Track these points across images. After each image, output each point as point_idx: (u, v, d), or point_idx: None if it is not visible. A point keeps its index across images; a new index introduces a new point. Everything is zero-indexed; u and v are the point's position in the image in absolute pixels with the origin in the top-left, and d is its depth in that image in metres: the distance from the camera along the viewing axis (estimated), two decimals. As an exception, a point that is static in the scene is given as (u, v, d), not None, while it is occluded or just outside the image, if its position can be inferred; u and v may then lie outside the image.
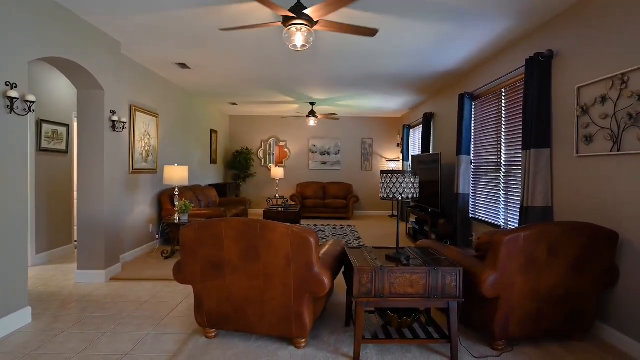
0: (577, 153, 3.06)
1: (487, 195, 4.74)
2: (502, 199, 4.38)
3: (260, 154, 9.74)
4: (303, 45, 2.92)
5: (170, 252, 5.03)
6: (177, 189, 5.13)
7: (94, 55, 3.76)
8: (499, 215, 4.44)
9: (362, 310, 2.42)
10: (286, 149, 9.73)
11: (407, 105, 7.97)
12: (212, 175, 8.56)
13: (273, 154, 9.72)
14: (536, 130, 3.42)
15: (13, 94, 2.71)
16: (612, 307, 2.72)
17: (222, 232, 2.48)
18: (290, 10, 2.86)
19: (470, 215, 5.14)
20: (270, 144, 9.73)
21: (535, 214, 3.43)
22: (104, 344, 2.64)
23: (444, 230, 5.20)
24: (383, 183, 2.67)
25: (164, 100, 5.93)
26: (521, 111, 3.97)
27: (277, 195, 9.01)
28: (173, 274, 2.68)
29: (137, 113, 4.96)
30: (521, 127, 3.97)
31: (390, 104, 7.82)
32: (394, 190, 2.58)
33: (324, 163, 9.71)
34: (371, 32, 2.95)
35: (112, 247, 4.14)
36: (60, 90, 4.93)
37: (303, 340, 2.57)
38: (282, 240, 2.41)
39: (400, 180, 2.56)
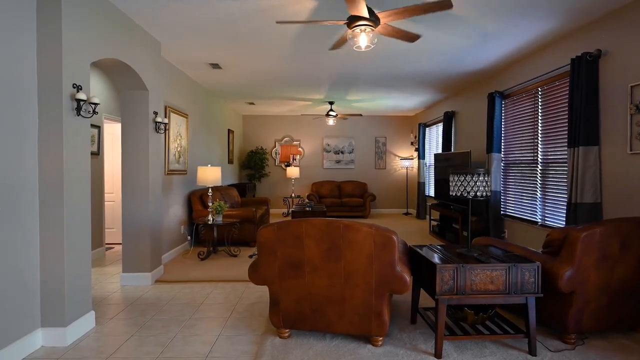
0: (631, 150, 3.13)
1: (521, 192, 4.82)
2: (539, 196, 4.46)
3: (275, 154, 9.73)
4: (367, 46, 2.94)
5: (206, 254, 5.02)
6: (210, 190, 5.11)
7: (140, 56, 3.73)
8: (536, 211, 4.52)
9: (444, 308, 2.46)
10: (300, 148, 9.74)
11: (424, 103, 8.04)
12: (230, 175, 8.54)
13: (277, 153, 9.69)
14: (584, 129, 3.49)
15: (82, 96, 2.69)
16: (674, 299, 2.80)
17: (302, 232, 2.50)
18: (349, 17, 2.89)
19: (502, 212, 5.22)
20: (275, 144, 9.70)
21: (584, 210, 3.51)
22: (180, 347, 2.64)
23: (476, 228, 5.27)
24: (455, 182, 2.71)
25: (192, 101, 5.90)
26: (560, 110, 4.05)
27: (293, 195, 9.03)
28: (248, 274, 2.69)
29: (171, 114, 4.93)
30: (560, 125, 4.05)
31: (408, 102, 7.88)
32: (468, 189, 2.62)
33: (338, 162, 9.74)
34: (412, 38, 3.01)
35: (156, 249, 4.12)
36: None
37: (381, 338, 2.61)
38: (365, 240, 2.43)
39: (475, 179, 2.60)
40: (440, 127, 7.78)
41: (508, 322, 2.77)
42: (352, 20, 2.89)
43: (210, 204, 5.11)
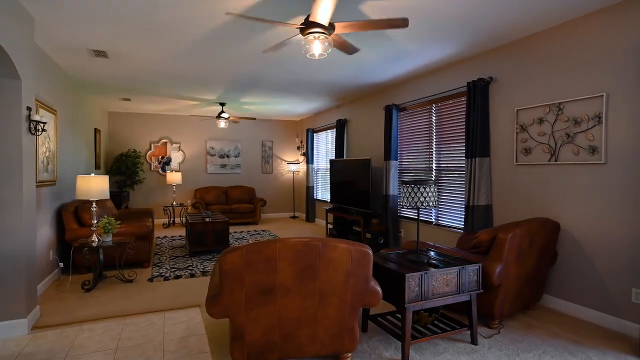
0: (517, 162, 3.85)
1: (417, 195, 5.41)
2: (434, 199, 5.08)
3: (148, 157, 8.60)
4: (321, 54, 2.86)
5: (92, 283, 4.09)
6: (94, 204, 4.19)
7: (12, 34, 2.81)
8: (431, 212, 5.15)
9: (410, 314, 2.57)
10: (181, 152, 8.85)
11: (314, 110, 8.28)
12: (95, 183, 7.16)
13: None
14: (479, 143, 4.14)
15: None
16: (551, 280, 3.55)
17: (276, 254, 2.26)
18: (304, 22, 2.78)
19: (398, 214, 5.77)
20: (151, 146, 8.64)
21: (479, 211, 4.16)
22: (119, 412, 2.08)
23: (378, 229, 5.69)
24: (406, 193, 2.86)
25: (60, 95, 4.73)
26: (453, 124, 4.71)
27: (174, 203, 8.18)
28: (207, 307, 2.29)
29: (40, 110, 3.85)
30: (453, 137, 4.71)
31: (300, 108, 7.99)
32: (422, 200, 2.80)
33: (223, 166, 9.21)
34: (404, 23, 2.74)
35: (31, 285, 3.17)
36: None
37: (350, 354, 2.56)
38: (342, 257, 2.35)
39: (428, 190, 2.80)
40: (330, 134, 8.14)
41: (450, 318, 3.06)
42: (308, 27, 2.77)
43: (94, 221, 4.19)
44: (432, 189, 2.81)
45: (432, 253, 3.11)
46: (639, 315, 2.89)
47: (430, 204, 2.81)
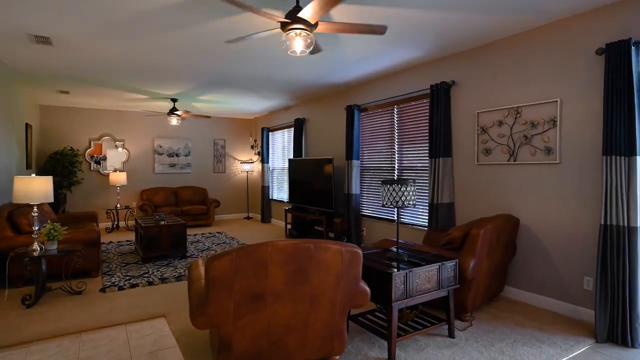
0: (477, 162, 4.07)
1: (379, 194, 5.52)
2: (396, 198, 5.22)
3: (87, 156, 7.87)
4: (303, 51, 2.78)
5: (34, 297, 3.63)
6: (35, 208, 3.73)
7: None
8: (393, 211, 5.28)
9: (397, 312, 2.60)
10: (124, 150, 8.20)
11: (270, 108, 8.12)
12: (26, 185, 6.40)
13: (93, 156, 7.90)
14: (442, 143, 4.31)
15: None
16: (511, 272, 3.80)
17: (267, 258, 2.16)
18: (287, 16, 2.70)
19: (361, 213, 5.85)
20: (91, 144, 7.93)
21: (443, 209, 4.34)
22: None
23: (341, 229, 5.71)
24: (387, 192, 2.89)
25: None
26: (415, 125, 4.87)
27: (119, 206, 7.61)
28: (192, 318, 2.13)
29: (-31, 100, 3.34)
30: (415, 137, 4.87)
31: (256, 106, 7.79)
32: (403, 198, 2.84)
33: (172, 165, 8.70)
34: (382, 30, 2.89)
35: (-35, 304, 2.73)
36: None
37: (338, 356, 2.53)
38: (334, 258, 2.31)
39: (408, 188, 2.84)
40: (287, 133, 8.04)
41: (427, 314, 3.14)
42: (291, 22, 2.68)
43: (35, 228, 3.73)
44: (412, 188, 2.87)
45: (407, 251, 3.17)
46: (591, 302, 3.19)
47: (411, 202, 2.86)
